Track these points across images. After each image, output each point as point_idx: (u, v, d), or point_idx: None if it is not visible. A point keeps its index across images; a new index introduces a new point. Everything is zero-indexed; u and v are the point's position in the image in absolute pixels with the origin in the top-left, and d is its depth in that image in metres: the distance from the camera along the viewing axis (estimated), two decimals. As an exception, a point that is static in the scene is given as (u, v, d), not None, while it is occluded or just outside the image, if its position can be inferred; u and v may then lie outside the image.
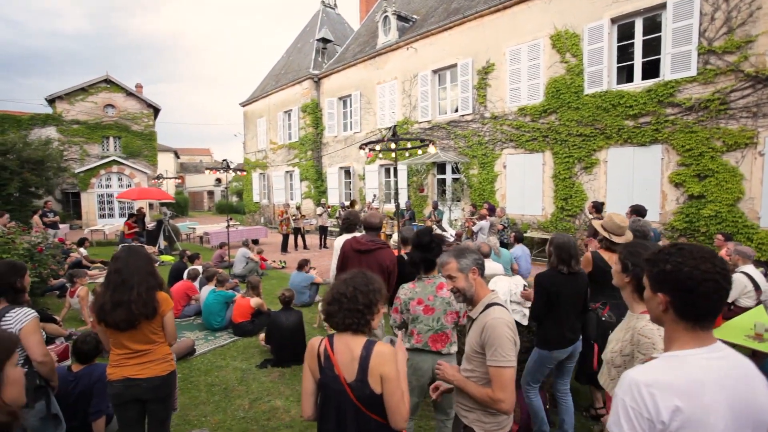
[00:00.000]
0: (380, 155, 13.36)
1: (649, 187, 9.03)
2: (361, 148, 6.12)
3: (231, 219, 11.05)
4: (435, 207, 11.68)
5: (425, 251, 2.57)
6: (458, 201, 13.17)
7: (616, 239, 3.12)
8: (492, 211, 8.92)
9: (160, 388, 2.44)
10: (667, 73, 8.50)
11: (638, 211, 4.26)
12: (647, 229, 3.38)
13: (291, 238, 13.41)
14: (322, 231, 13.66)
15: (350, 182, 17.62)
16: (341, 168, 17.77)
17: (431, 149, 6.14)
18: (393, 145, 5.06)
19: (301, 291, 6.82)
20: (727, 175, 7.84)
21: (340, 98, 17.60)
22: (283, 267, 10.70)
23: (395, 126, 5.51)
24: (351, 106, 17.11)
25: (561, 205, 10.70)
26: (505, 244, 8.01)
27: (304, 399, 1.76)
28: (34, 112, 21.90)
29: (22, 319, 2.33)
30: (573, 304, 2.90)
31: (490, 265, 4.88)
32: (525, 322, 3.41)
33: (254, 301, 5.52)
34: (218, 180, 45.28)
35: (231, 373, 4.40)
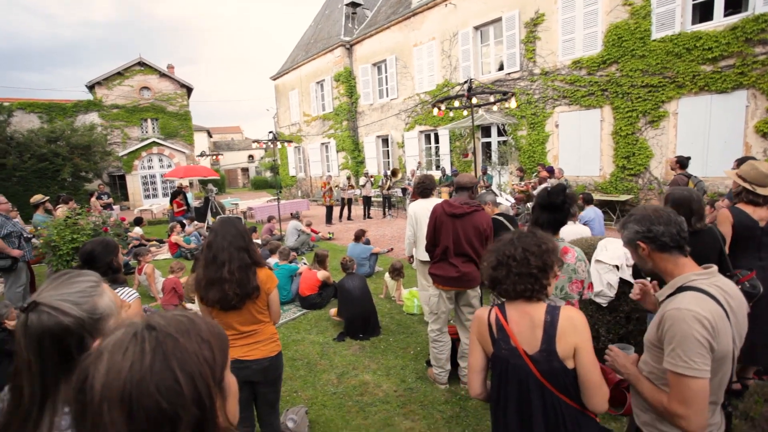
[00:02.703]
0: (453, 114, 12.77)
1: (729, 138, 8.19)
2: (434, 106, 5.73)
3: (280, 192, 11.02)
4: (484, 172, 11.18)
5: (556, 212, 2.24)
6: (505, 165, 12.58)
7: (762, 191, 2.67)
8: (551, 172, 8.39)
9: (269, 370, 2.30)
10: (757, 5, 7.47)
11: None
12: (800, 178, 2.89)
13: (336, 209, 13.36)
14: (366, 201, 13.49)
15: (389, 151, 17.21)
16: (378, 137, 17.35)
17: (513, 103, 5.68)
18: (475, 100, 4.65)
19: (360, 263, 6.67)
20: (829, 119, 6.95)
21: (374, 64, 16.96)
22: (330, 238, 10.65)
23: (471, 80, 5.07)
24: (386, 72, 16.47)
25: (622, 164, 9.97)
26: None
27: (471, 376, 1.55)
28: (77, 99, 22.50)
29: (125, 299, 2.21)
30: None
31: (575, 229, 4.50)
32: (648, 290, 3.06)
33: (321, 274, 5.42)
34: (251, 156, 45.99)
35: (310, 347, 4.32)
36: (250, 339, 2.26)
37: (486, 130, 13.33)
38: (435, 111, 5.83)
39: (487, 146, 13.40)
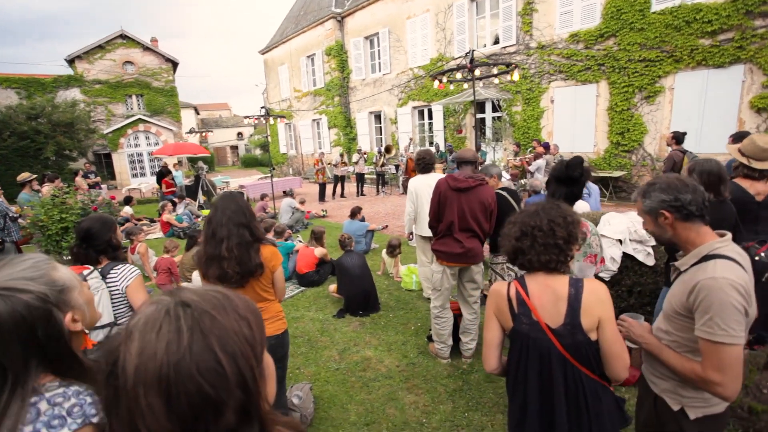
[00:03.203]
0: (453, 87, 12.53)
1: (723, 114, 8.19)
2: (434, 78, 5.59)
3: (273, 169, 10.84)
4: (478, 148, 11.06)
5: (573, 185, 2.20)
6: (499, 141, 12.50)
7: (757, 165, 2.67)
8: (547, 148, 8.35)
9: (276, 348, 2.26)
10: (759, -24, 7.35)
11: (743, 138, 3.70)
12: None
13: (329, 186, 13.24)
14: (359, 178, 13.36)
15: (381, 127, 16.97)
16: (371, 113, 17.06)
17: (516, 75, 5.56)
18: (478, 72, 4.53)
19: (357, 240, 6.62)
20: (824, 94, 6.95)
21: (366, 38, 16.51)
22: (324, 216, 10.58)
23: (472, 50, 4.93)
24: (379, 46, 16.06)
25: (616, 140, 9.96)
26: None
27: (487, 351, 1.54)
28: (56, 74, 21.58)
29: (127, 276, 2.15)
30: None
31: (576, 204, 4.48)
32: (650, 262, 3.08)
33: (318, 251, 5.38)
34: (240, 134, 45.12)
35: (310, 324, 4.31)
36: (256, 317, 2.22)
37: (480, 106, 13.15)
38: (435, 84, 5.69)
39: (481, 122, 13.26)
